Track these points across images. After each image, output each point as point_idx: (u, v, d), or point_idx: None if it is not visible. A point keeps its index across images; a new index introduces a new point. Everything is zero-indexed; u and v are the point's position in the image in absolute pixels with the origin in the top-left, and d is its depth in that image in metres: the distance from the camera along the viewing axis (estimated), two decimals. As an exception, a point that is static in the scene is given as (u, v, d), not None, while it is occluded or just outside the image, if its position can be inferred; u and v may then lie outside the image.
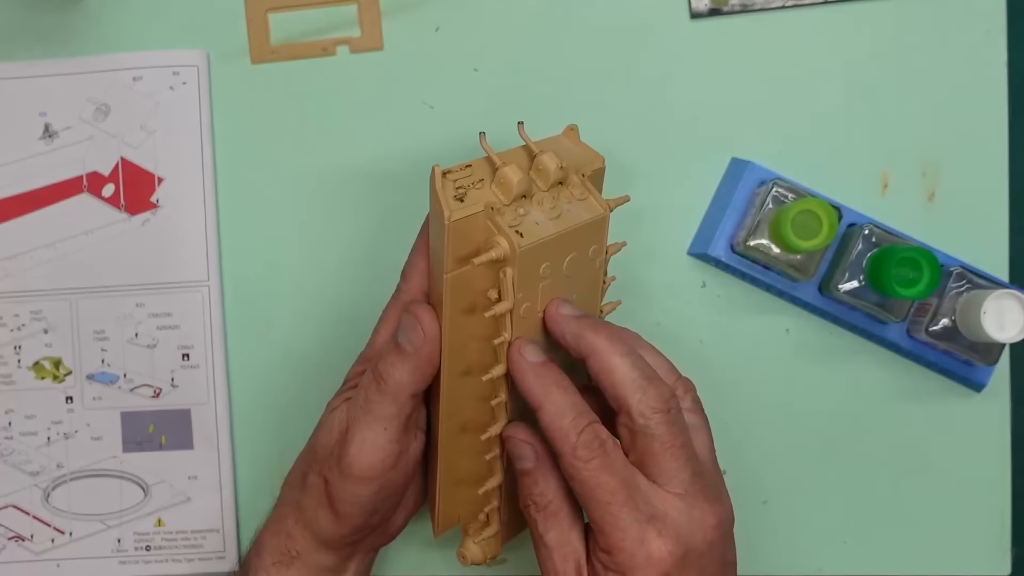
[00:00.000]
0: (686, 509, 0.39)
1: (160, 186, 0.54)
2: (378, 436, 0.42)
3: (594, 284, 0.44)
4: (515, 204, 0.40)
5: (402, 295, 0.46)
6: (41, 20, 0.54)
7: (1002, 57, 0.54)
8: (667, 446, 0.39)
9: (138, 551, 0.55)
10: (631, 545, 0.38)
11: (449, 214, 0.39)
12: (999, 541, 0.55)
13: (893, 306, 0.51)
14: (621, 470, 0.39)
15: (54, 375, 0.54)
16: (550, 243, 0.40)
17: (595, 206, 0.42)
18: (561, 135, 0.45)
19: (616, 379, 0.40)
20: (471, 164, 0.41)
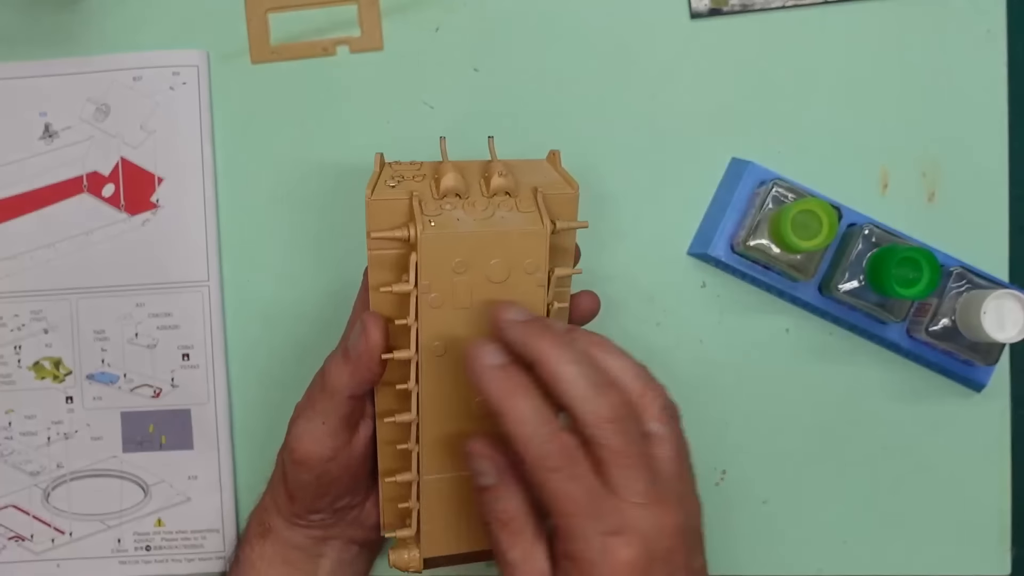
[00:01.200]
0: (648, 517, 0.38)
1: (160, 186, 0.54)
2: (316, 428, 0.45)
3: (534, 299, 0.42)
4: (445, 200, 0.42)
5: (361, 290, 0.48)
6: (41, 20, 0.54)
7: (1002, 57, 0.54)
8: (619, 455, 0.38)
9: (138, 551, 0.55)
10: (595, 555, 0.37)
11: (369, 193, 0.42)
12: (999, 541, 0.55)
13: (893, 306, 0.51)
14: (587, 480, 0.38)
15: (54, 375, 0.54)
16: (464, 238, 0.41)
17: (535, 220, 0.42)
18: (542, 160, 0.46)
19: (562, 388, 0.38)
20: (422, 163, 0.44)
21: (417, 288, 0.41)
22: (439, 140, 0.44)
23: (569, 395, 0.38)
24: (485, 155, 0.55)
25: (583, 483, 0.37)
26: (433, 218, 0.41)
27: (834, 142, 0.54)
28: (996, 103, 0.54)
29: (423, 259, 0.41)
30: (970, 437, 0.55)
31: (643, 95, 0.55)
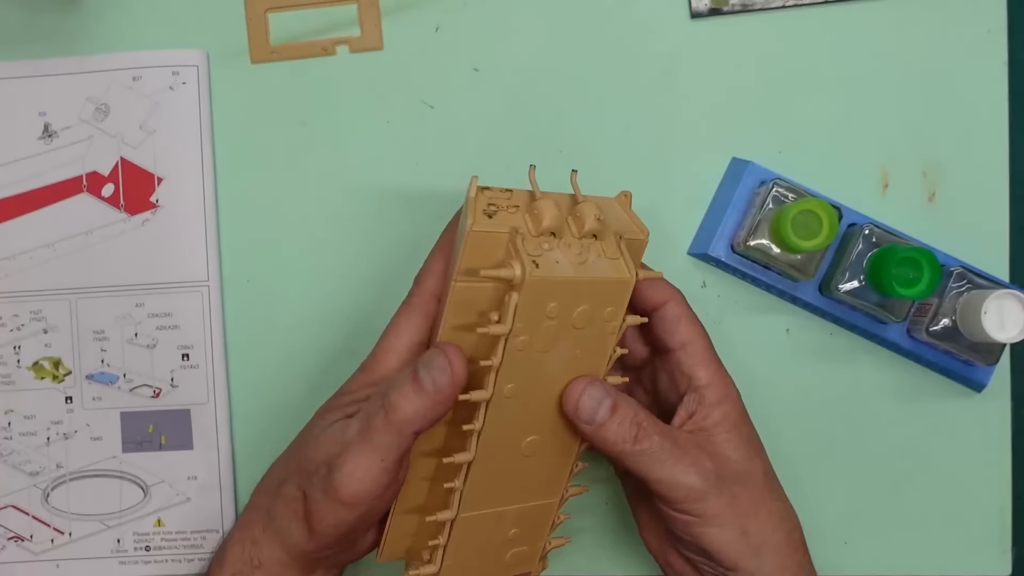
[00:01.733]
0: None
1: (160, 186, 0.54)
2: (372, 465, 0.41)
3: (603, 347, 0.43)
4: (543, 238, 0.40)
5: (414, 299, 0.45)
6: (41, 20, 0.54)
7: (1002, 57, 0.54)
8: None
9: (138, 551, 0.55)
10: (723, 368, 0.46)
11: (472, 223, 0.39)
12: (999, 541, 0.55)
13: (893, 306, 0.51)
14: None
15: (54, 375, 0.54)
16: (564, 284, 0.39)
17: (622, 269, 0.41)
18: (612, 198, 0.45)
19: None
20: (512, 190, 0.41)
21: (511, 331, 0.40)
22: (528, 169, 0.41)
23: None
24: (486, 156, 0.56)
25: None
26: (536, 259, 0.39)
27: (834, 142, 0.54)
28: (996, 103, 0.54)
29: (523, 302, 0.39)
30: (970, 437, 0.55)
31: (643, 95, 0.54)
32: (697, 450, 0.44)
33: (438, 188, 0.54)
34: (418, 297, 0.44)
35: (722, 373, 0.46)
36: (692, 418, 0.45)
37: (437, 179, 0.54)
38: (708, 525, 0.43)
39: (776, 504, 0.45)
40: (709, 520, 0.43)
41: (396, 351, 0.45)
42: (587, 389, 0.43)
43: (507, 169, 0.54)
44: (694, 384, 0.45)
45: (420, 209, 0.55)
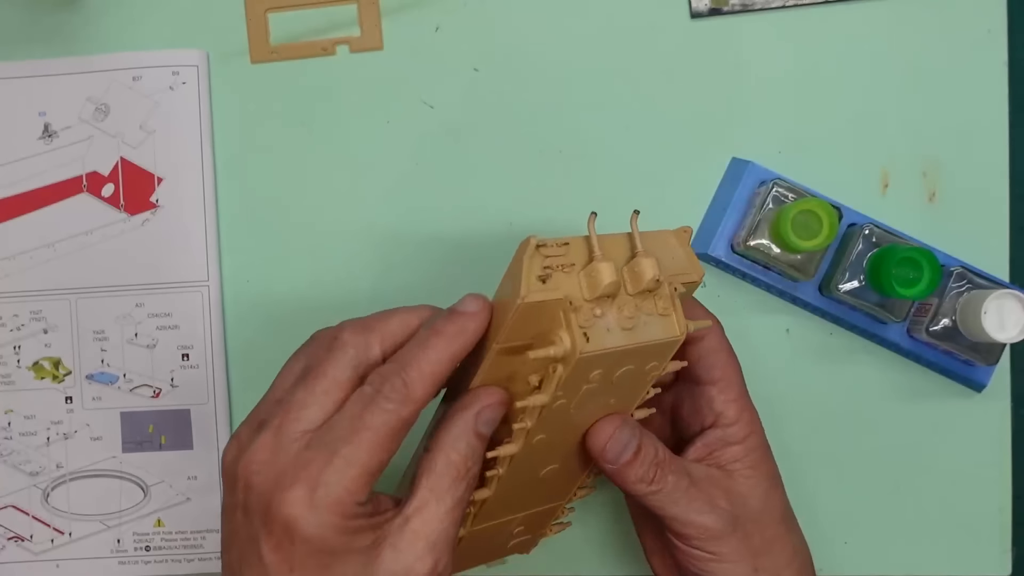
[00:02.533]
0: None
1: (160, 186, 0.54)
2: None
3: (638, 391, 0.42)
4: (596, 302, 0.37)
5: (397, 410, 0.37)
6: (41, 20, 0.54)
7: (1002, 57, 0.54)
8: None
9: (138, 551, 0.55)
10: (751, 405, 0.45)
11: (525, 294, 0.36)
12: (999, 541, 0.55)
13: (893, 306, 0.51)
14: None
15: (54, 375, 0.54)
16: (612, 355, 0.37)
17: (673, 327, 0.39)
18: (671, 232, 0.41)
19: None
20: (569, 242, 0.37)
21: (552, 400, 0.38)
22: (588, 217, 0.38)
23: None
24: (486, 156, 0.55)
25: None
26: (587, 331, 0.36)
27: (834, 142, 0.54)
28: (996, 103, 0.54)
29: (569, 376, 0.37)
30: (970, 437, 0.55)
31: (643, 95, 0.54)
32: (713, 487, 0.43)
33: (438, 188, 0.54)
34: (406, 408, 0.37)
35: (750, 409, 0.45)
36: (711, 454, 0.44)
37: (437, 179, 0.54)
38: (720, 562, 0.43)
39: (790, 539, 0.45)
40: (721, 557, 0.43)
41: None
42: (617, 432, 0.41)
43: (508, 168, 0.54)
44: (721, 421, 0.44)
45: (420, 209, 0.55)
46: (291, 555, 0.35)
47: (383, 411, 0.36)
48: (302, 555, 0.35)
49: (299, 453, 0.36)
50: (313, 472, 0.35)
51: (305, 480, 0.35)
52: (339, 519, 0.35)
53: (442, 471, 0.37)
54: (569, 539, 0.55)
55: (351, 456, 0.35)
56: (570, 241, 0.37)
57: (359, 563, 0.36)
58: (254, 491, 0.36)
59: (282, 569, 0.36)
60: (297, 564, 0.35)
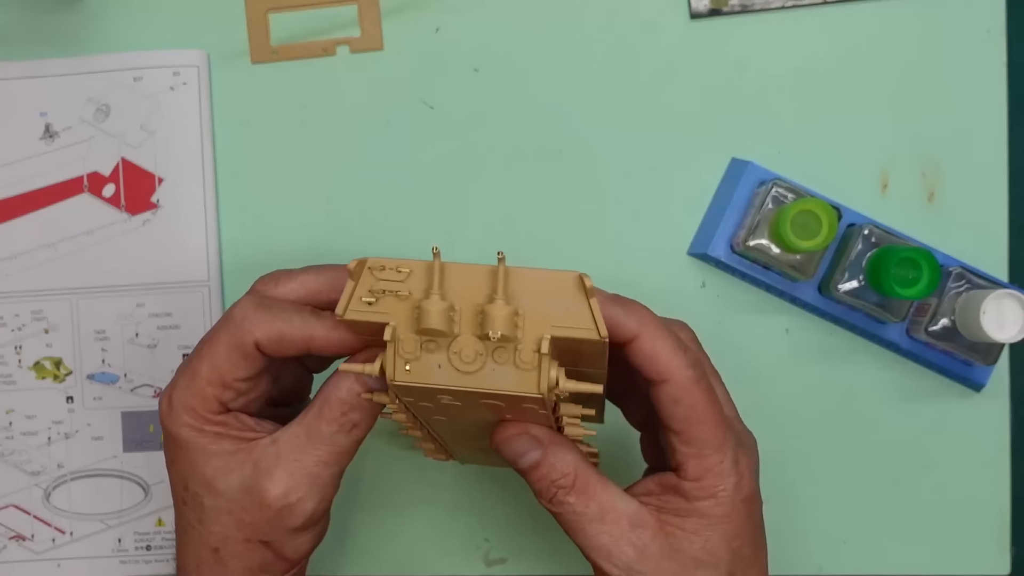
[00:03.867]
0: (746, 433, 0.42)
1: (160, 186, 0.54)
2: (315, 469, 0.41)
3: (541, 418, 0.38)
4: (426, 337, 0.35)
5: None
6: (41, 20, 0.54)
7: (1002, 57, 0.54)
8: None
9: (139, 551, 0.55)
10: (727, 466, 0.39)
11: (341, 312, 0.35)
12: (999, 541, 0.55)
13: (893, 306, 0.51)
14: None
15: (55, 375, 0.54)
16: (446, 389, 0.35)
17: (530, 384, 0.34)
18: (571, 275, 0.35)
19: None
20: (412, 270, 0.35)
21: (407, 408, 0.39)
22: (432, 250, 0.35)
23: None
24: (486, 156, 0.55)
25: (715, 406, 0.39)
26: (410, 362, 0.35)
27: (834, 142, 0.54)
28: (996, 103, 0.54)
29: (400, 393, 0.37)
30: (970, 437, 0.55)
31: (643, 95, 0.55)
32: (625, 530, 0.39)
33: (438, 188, 0.55)
34: (240, 331, 0.40)
35: (719, 471, 0.38)
36: (659, 496, 0.40)
37: (437, 179, 0.55)
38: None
39: None
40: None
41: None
42: (511, 438, 0.39)
43: (508, 168, 0.54)
44: (680, 473, 0.39)
45: (420, 209, 0.55)
46: (169, 449, 0.41)
47: (224, 331, 0.40)
48: (172, 450, 0.41)
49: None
50: (173, 383, 0.41)
51: (168, 388, 0.41)
52: (193, 421, 0.40)
53: (318, 409, 0.40)
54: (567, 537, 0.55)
55: (192, 367, 0.40)
56: (413, 267, 0.35)
57: (219, 467, 0.40)
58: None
59: (167, 460, 0.42)
60: (172, 458, 0.41)
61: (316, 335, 0.39)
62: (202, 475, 0.40)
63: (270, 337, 0.39)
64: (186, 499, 0.41)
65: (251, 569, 0.41)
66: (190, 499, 0.41)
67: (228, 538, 0.40)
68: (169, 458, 0.42)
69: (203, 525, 0.41)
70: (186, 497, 0.41)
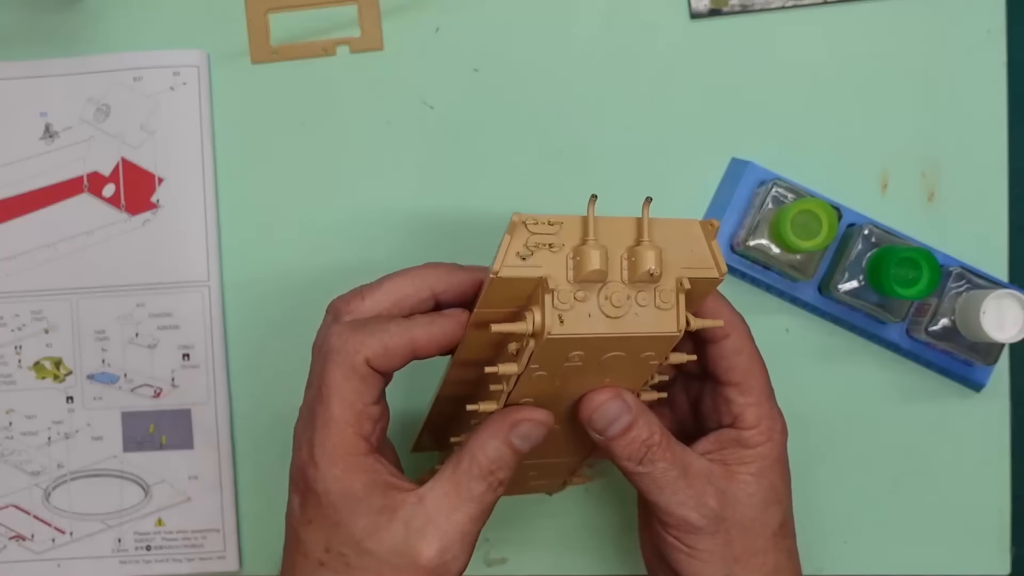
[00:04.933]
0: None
1: (160, 186, 0.54)
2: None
3: (637, 376, 0.41)
4: (580, 285, 0.37)
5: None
6: (41, 20, 0.54)
7: (1002, 57, 0.54)
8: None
9: (138, 551, 0.55)
10: (777, 412, 0.44)
11: (497, 269, 0.36)
12: (999, 541, 0.55)
13: (893, 306, 0.51)
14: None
15: (55, 375, 0.54)
16: (590, 340, 0.37)
17: (671, 323, 0.37)
18: (696, 223, 0.39)
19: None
20: (562, 222, 0.37)
21: (525, 371, 0.38)
22: (589, 200, 0.37)
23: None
24: (486, 156, 0.55)
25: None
26: (563, 313, 0.36)
27: (834, 142, 0.54)
28: (996, 103, 0.54)
29: (540, 352, 0.37)
30: (970, 437, 0.55)
31: (643, 95, 0.55)
32: (705, 484, 0.42)
33: (438, 188, 0.55)
34: (350, 362, 0.40)
35: (771, 417, 0.43)
36: (720, 451, 0.43)
37: (437, 179, 0.55)
38: (692, 558, 0.42)
39: (776, 557, 0.44)
40: (695, 554, 0.42)
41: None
42: (606, 403, 0.41)
43: (508, 169, 0.54)
44: (738, 424, 0.43)
45: (420, 209, 0.55)
46: (309, 509, 0.40)
47: (332, 364, 0.40)
48: (316, 508, 0.40)
49: (300, 420, 0.42)
50: (306, 432, 0.40)
51: (306, 439, 0.40)
52: (343, 471, 0.39)
53: (466, 467, 0.40)
54: (571, 538, 0.55)
55: (329, 413, 0.39)
56: (564, 220, 0.37)
57: (368, 525, 0.39)
58: (292, 458, 0.42)
59: (304, 521, 0.40)
60: (314, 517, 0.40)
61: (417, 336, 0.40)
62: (350, 535, 0.39)
63: (376, 352, 0.39)
64: (325, 561, 0.40)
65: None
66: (331, 560, 0.39)
67: None
68: (307, 518, 0.40)
69: None
70: (325, 559, 0.40)
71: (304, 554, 0.40)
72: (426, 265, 0.43)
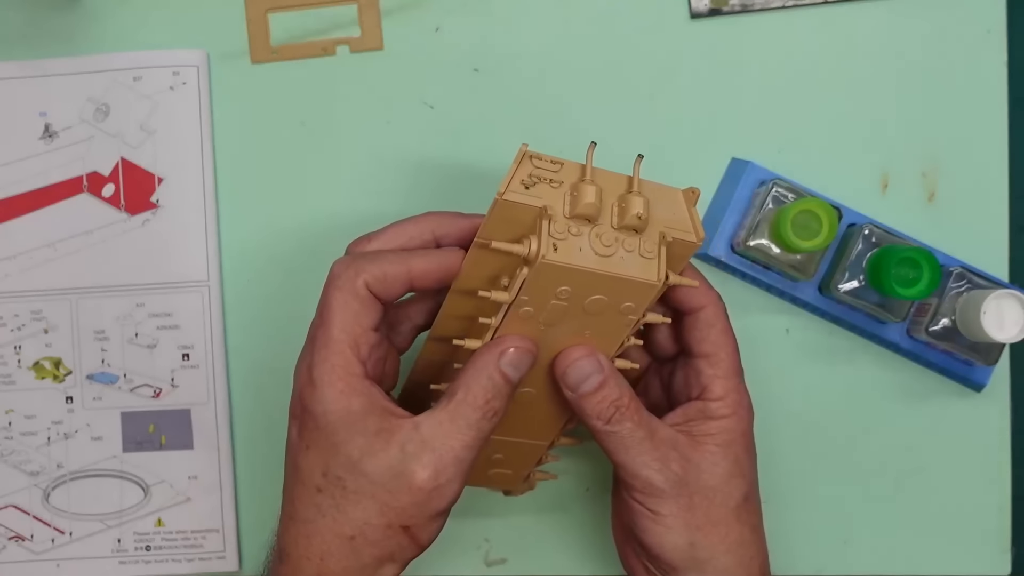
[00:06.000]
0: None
1: (160, 186, 0.54)
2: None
3: (615, 334, 0.43)
4: (575, 221, 0.39)
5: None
6: (41, 20, 0.54)
7: (1002, 57, 0.54)
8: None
9: (138, 551, 0.55)
10: (743, 387, 0.45)
11: (503, 191, 0.39)
12: (999, 541, 0.55)
13: (893, 306, 0.51)
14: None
15: (54, 375, 0.54)
16: (579, 273, 0.39)
17: (651, 270, 0.40)
18: (679, 190, 0.43)
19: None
20: (563, 163, 0.40)
21: (514, 301, 0.40)
22: (588, 145, 0.41)
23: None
24: (486, 156, 0.55)
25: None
26: (558, 242, 0.39)
27: (834, 142, 0.54)
28: (996, 103, 0.54)
29: (532, 280, 0.39)
30: (970, 437, 0.55)
31: (643, 95, 0.55)
32: (671, 449, 0.43)
33: (438, 188, 0.55)
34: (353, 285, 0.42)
35: (739, 391, 0.45)
36: (687, 423, 0.45)
37: (437, 179, 0.55)
38: (656, 523, 0.43)
39: (739, 529, 0.44)
40: (659, 519, 0.43)
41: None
42: (580, 360, 0.42)
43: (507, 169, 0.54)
44: (705, 396, 0.44)
45: (420, 209, 0.55)
46: (307, 434, 0.41)
47: (333, 288, 0.41)
48: (313, 432, 0.41)
49: (301, 351, 0.43)
50: (308, 356, 0.41)
51: (305, 363, 0.41)
52: (341, 389, 0.40)
53: (461, 397, 0.41)
54: (571, 538, 0.55)
55: (328, 335, 0.41)
56: (564, 163, 0.40)
57: (363, 446, 0.40)
58: (292, 390, 0.43)
59: (301, 447, 0.41)
60: (311, 442, 0.41)
61: (415, 265, 0.41)
62: (348, 457, 0.40)
63: (376, 276, 0.41)
64: (322, 486, 0.41)
65: (382, 558, 0.41)
66: (328, 485, 0.41)
67: (368, 524, 0.40)
68: (304, 443, 0.41)
69: (340, 512, 0.40)
70: (323, 484, 0.41)
71: (302, 482, 0.41)
72: (428, 213, 0.45)
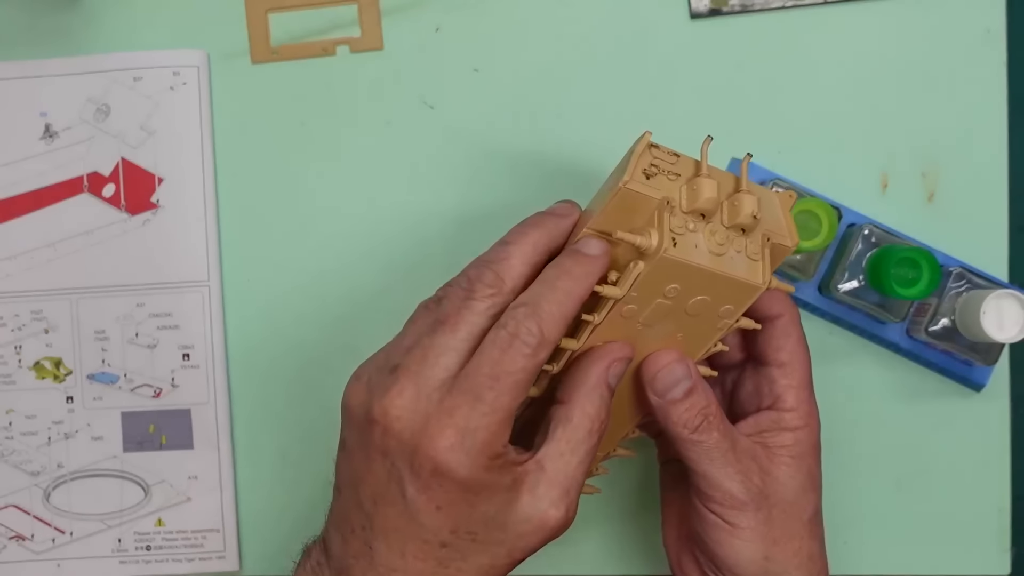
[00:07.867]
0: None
1: (160, 186, 0.54)
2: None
3: (706, 337, 0.42)
4: (691, 216, 0.39)
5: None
6: (41, 20, 0.54)
7: (1002, 57, 0.54)
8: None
9: (138, 551, 0.55)
10: (814, 398, 0.45)
11: (628, 179, 0.38)
12: (999, 541, 0.55)
13: (893, 306, 0.51)
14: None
15: (54, 375, 0.54)
16: (693, 271, 0.38)
17: (757, 273, 0.39)
18: (775, 193, 0.42)
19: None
20: (679, 156, 0.40)
21: (624, 298, 0.39)
22: (703, 140, 0.40)
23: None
24: (486, 156, 0.55)
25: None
26: (677, 236, 0.38)
27: (834, 142, 0.54)
28: (996, 103, 0.54)
29: (647, 275, 0.38)
30: (970, 437, 0.55)
31: (643, 95, 0.55)
32: (752, 461, 0.43)
33: (438, 188, 0.55)
34: (542, 351, 0.39)
35: (810, 402, 0.44)
36: (761, 434, 0.44)
37: (437, 179, 0.55)
38: (734, 536, 0.43)
39: (810, 544, 0.44)
40: (737, 532, 0.43)
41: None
42: (671, 364, 0.42)
43: (508, 169, 0.54)
44: (778, 406, 0.44)
45: (420, 209, 0.55)
46: (438, 495, 0.38)
47: (522, 356, 0.38)
48: (449, 494, 0.38)
49: (443, 399, 0.38)
50: (460, 419, 0.37)
51: (453, 426, 0.37)
52: (487, 461, 0.38)
53: (578, 423, 0.40)
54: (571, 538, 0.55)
55: (495, 401, 0.37)
56: (681, 156, 0.40)
57: (500, 502, 0.38)
58: (395, 436, 0.38)
59: (429, 508, 0.38)
60: (444, 503, 0.38)
61: (583, 291, 0.39)
62: (483, 514, 0.38)
63: (563, 330, 0.39)
64: (449, 542, 0.39)
65: None
66: (456, 540, 0.39)
67: (494, 567, 0.39)
68: (434, 504, 0.38)
69: (465, 561, 0.39)
70: (450, 540, 0.39)
71: (423, 539, 0.39)
72: (529, 223, 0.42)
